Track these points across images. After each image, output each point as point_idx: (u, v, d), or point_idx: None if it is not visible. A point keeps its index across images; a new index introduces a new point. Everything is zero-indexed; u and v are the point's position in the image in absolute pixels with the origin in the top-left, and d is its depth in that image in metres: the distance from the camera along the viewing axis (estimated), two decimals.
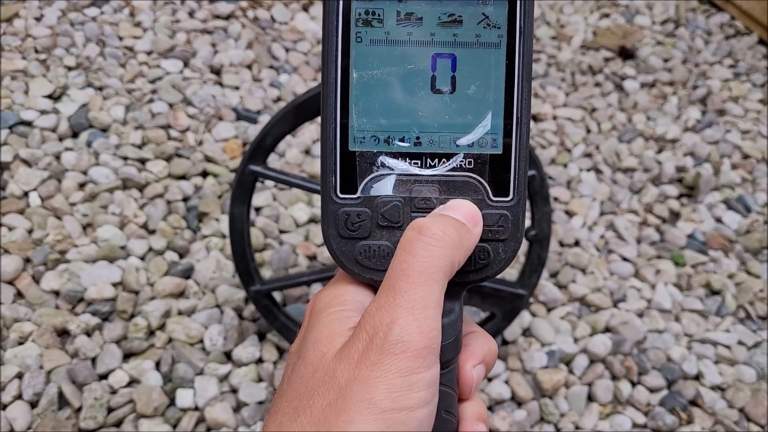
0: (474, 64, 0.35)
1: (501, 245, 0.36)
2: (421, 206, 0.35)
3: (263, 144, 0.85)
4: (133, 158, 1.15)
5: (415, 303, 0.31)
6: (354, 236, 0.35)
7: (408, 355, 0.30)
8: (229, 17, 1.46)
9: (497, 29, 0.35)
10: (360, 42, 0.35)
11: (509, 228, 0.36)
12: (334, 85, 0.35)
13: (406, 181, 0.35)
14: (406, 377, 0.30)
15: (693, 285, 1.12)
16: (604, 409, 0.96)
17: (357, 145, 0.35)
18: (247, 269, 0.90)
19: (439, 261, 0.32)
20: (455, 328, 0.35)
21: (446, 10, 0.34)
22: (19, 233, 1.02)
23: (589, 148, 1.32)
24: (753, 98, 1.48)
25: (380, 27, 0.35)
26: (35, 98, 1.20)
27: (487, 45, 0.35)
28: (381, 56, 0.35)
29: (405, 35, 0.35)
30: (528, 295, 0.92)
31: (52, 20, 1.35)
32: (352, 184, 0.35)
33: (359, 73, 0.35)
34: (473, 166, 0.35)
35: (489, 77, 0.35)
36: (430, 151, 0.35)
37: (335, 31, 0.34)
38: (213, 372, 0.93)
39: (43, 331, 0.93)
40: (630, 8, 1.69)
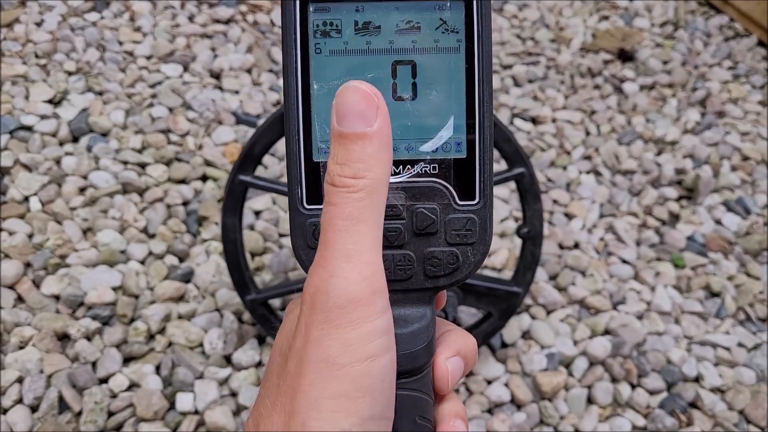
0: (434, 69, 0.35)
1: (470, 249, 0.36)
2: (388, 213, 0.35)
3: (251, 153, 0.86)
4: (133, 162, 1.15)
5: (347, 251, 0.30)
6: None
7: (355, 305, 0.30)
8: (229, 21, 1.46)
9: (455, 33, 0.35)
10: (319, 53, 0.35)
11: (477, 231, 0.36)
12: (295, 98, 0.35)
13: None
14: (359, 328, 0.30)
15: (693, 287, 1.12)
16: (604, 412, 0.96)
17: (321, 155, 0.35)
18: (242, 279, 0.90)
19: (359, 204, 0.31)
20: (427, 333, 0.35)
21: (404, 17, 0.35)
22: (20, 238, 1.02)
23: (589, 151, 1.32)
24: (752, 100, 1.48)
25: (339, 37, 0.35)
26: (35, 103, 1.20)
27: (447, 50, 0.35)
28: (341, 66, 0.35)
29: (364, 44, 0.35)
30: (523, 292, 0.92)
31: (52, 25, 1.36)
32: (319, 195, 0.35)
33: (320, 84, 0.35)
34: (438, 171, 0.35)
35: (450, 82, 0.35)
36: (394, 158, 0.35)
37: (293, 43, 0.34)
38: (213, 376, 0.93)
39: (44, 336, 0.93)
40: (629, 10, 1.70)
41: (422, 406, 0.35)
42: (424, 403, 0.35)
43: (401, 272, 0.35)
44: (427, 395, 0.36)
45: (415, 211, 0.35)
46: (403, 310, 0.35)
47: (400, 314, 0.35)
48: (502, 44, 1.56)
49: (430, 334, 0.36)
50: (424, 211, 0.35)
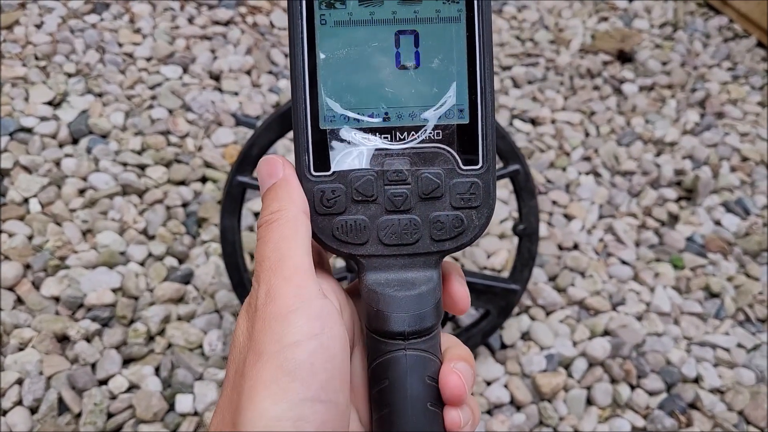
0: (436, 38, 0.36)
1: (474, 212, 0.37)
2: (393, 179, 0.36)
3: (250, 154, 0.86)
4: (133, 164, 1.15)
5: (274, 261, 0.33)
6: (330, 212, 0.36)
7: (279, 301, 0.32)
8: (229, 23, 1.46)
9: (456, 4, 0.36)
10: (324, 24, 0.36)
11: (481, 195, 0.37)
12: (302, 67, 0.36)
13: (378, 155, 0.36)
14: (283, 317, 0.31)
15: (692, 288, 1.12)
16: (603, 413, 0.96)
17: (327, 123, 0.36)
18: (241, 280, 0.91)
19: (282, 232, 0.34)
20: (435, 295, 0.36)
21: None
22: (19, 239, 1.03)
23: (588, 152, 1.33)
24: (752, 101, 1.48)
25: (343, 8, 0.36)
26: (35, 105, 1.20)
27: (448, 19, 0.36)
28: (345, 36, 0.36)
29: (368, 15, 0.36)
30: (521, 289, 0.92)
31: (52, 27, 1.36)
32: (325, 162, 0.36)
33: (326, 54, 0.36)
34: (442, 137, 0.36)
35: (451, 51, 0.36)
36: (398, 125, 0.36)
37: (299, 14, 0.35)
38: (212, 377, 0.93)
39: (43, 337, 0.93)
40: (628, 12, 1.70)
41: (431, 367, 0.36)
42: (433, 364, 0.36)
43: (407, 236, 0.36)
44: (435, 356, 0.36)
45: (420, 176, 0.36)
46: (411, 274, 0.36)
47: (408, 277, 0.36)
48: (502, 45, 1.56)
49: (437, 296, 0.37)
50: (429, 176, 0.36)
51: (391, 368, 0.35)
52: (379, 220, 0.36)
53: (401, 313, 0.35)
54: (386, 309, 0.35)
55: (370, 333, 0.36)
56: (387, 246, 0.36)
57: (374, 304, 0.36)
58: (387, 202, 0.36)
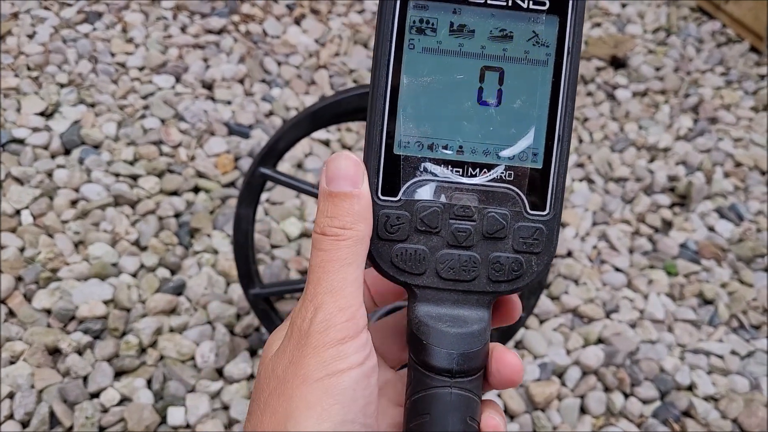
0: (521, 79, 0.36)
1: (534, 258, 0.37)
2: (460, 214, 0.36)
3: (276, 148, 0.84)
4: (125, 175, 1.15)
5: (333, 288, 0.33)
6: (392, 238, 0.36)
7: (332, 331, 0.33)
8: (221, 32, 1.46)
9: (546, 47, 0.36)
10: (412, 49, 0.35)
11: (543, 241, 0.36)
12: (384, 89, 0.35)
13: (447, 188, 0.36)
14: (334, 348, 0.33)
15: (686, 295, 1.12)
16: (597, 421, 0.96)
17: (402, 149, 0.36)
18: (248, 271, 0.89)
19: (347, 251, 0.34)
20: (484, 336, 0.36)
21: (498, 25, 0.35)
22: (11, 252, 1.02)
23: (582, 158, 1.33)
24: (745, 106, 1.48)
25: (433, 36, 0.35)
26: (27, 116, 1.20)
27: (535, 62, 0.36)
28: (431, 64, 0.36)
29: (456, 46, 0.36)
30: (526, 316, 0.91)
31: (44, 37, 1.36)
32: (394, 187, 0.36)
33: (409, 79, 0.36)
34: (513, 179, 0.36)
35: (534, 93, 0.36)
36: (472, 160, 0.36)
37: (389, 36, 0.35)
38: (204, 389, 0.93)
39: (35, 350, 0.93)
40: (621, 17, 1.70)
41: (473, 408, 0.36)
42: (475, 405, 0.36)
43: (465, 273, 0.36)
44: (477, 396, 0.36)
45: (486, 215, 0.36)
46: (463, 311, 0.36)
47: (459, 314, 0.36)
48: None
49: (486, 337, 0.36)
50: (495, 216, 0.36)
51: (434, 404, 0.35)
52: (439, 252, 0.36)
53: (451, 350, 0.35)
54: (436, 344, 0.35)
55: (415, 364, 0.36)
56: (443, 280, 0.36)
57: (424, 338, 0.36)
58: (450, 236, 0.36)
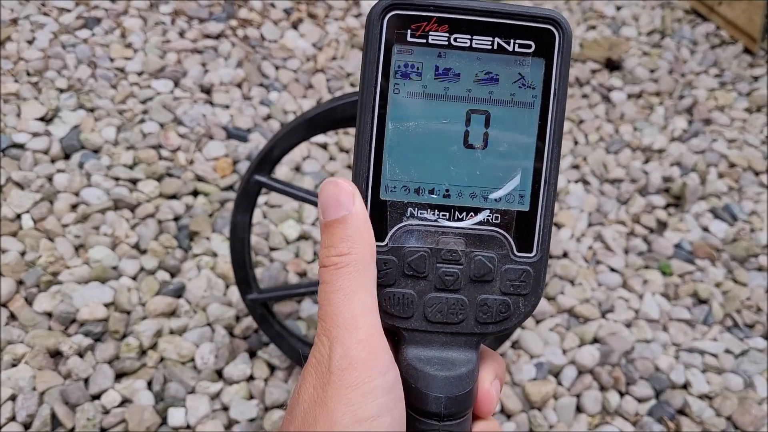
0: (507, 122, 0.36)
1: (522, 299, 0.37)
2: (447, 258, 0.36)
3: (270, 155, 0.85)
4: (125, 179, 1.16)
5: (344, 321, 0.32)
6: (379, 283, 0.36)
7: (355, 367, 0.32)
8: (219, 36, 1.47)
9: (532, 89, 0.36)
10: (397, 93, 0.35)
11: (531, 283, 0.37)
12: (369, 134, 0.35)
13: (434, 232, 0.36)
14: (360, 388, 0.31)
15: (680, 294, 1.13)
16: (593, 420, 0.97)
17: (388, 194, 0.36)
18: (245, 277, 0.91)
19: (349, 278, 0.33)
20: (472, 378, 0.36)
21: (484, 68, 0.35)
22: (12, 256, 1.03)
23: (577, 160, 1.34)
24: (739, 107, 1.49)
25: (418, 80, 0.35)
26: (27, 121, 1.21)
27: (521, 104, 0.36)
28: (417, 109, 0.35)
29: (442, 89, 0.35)
30: None
31: (44, 43, 1.37)
32: (381, 232, 0.36)
33: (394, 124, 0.35)
34: (500, 222, 0.36)
35: (521, 136, 0.36)
36: (458, 204, 0.36)
37: (374, 80, 0.35)
38: (204, 390, 0.94)
39: (36, 353, 0.94)
40: (616, 20, 1.71)
41: None
42: None
43: (453, 315, 0.36)
44: None
45: (474, 258, 0.36)
46: (451, 353, 0.36)
47: (448, 356, 0.36)
48: None
49: (474, 378, 0.36)
50: (483, 259, 0.36)
51: None
52: (427, 296, 0.36)
53: (439, 395, 0.35)
54: (424, 388, 0.35)
55: (405, 406, 0.36)
56: (431, 323, 0.36)
57: (413, 381, 0.35)
58: (437, 280, 0.36)
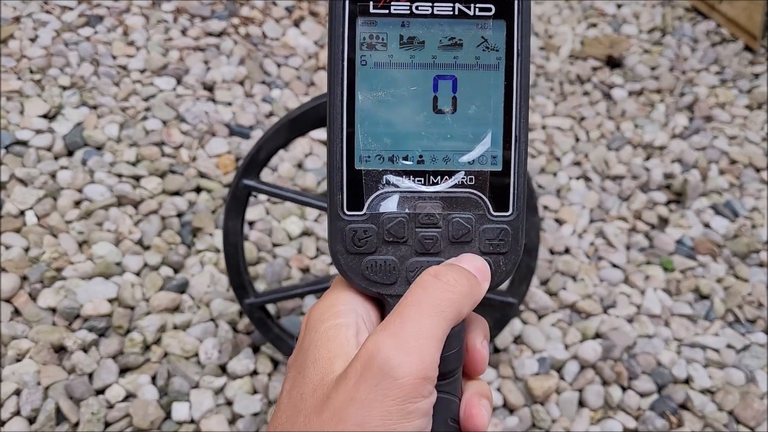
0: (474, 85, 0.36)
1: (502, 258, 0.37)
2: (425, 222, 0.37)
3: (257, 158, 0.86)
4: (128, 175, 1.16)
5: (421, 332, 0.32)
6: (361, 252, 0.37)
7: (407, 382, 0.31)
8: (221, 34, 1.48)
9: (496, 52, 0.36)
10: (365, 65, 0.36)
11: (509, 242, 0.37)
12: (340, 107, 0.36)
13: (411, 198, 0.37)
14: (403, 405, 0.31)
15: (682, 290, 1.13)
16: (595, 415, 0.98)
17: (363, 164, 0.37)
18: (241, 282, 0.91)
19: (449, 302, 0.33)
20: (459, 339, 0.37)
21: (447, 34, 0.36)
22: (16, 252, 1.04)
23: (578, 157, 1.34)
24: (739, 104, 1.50)
25: (384, 50, 0.36)
26: (30, 118, 1.22)
27: (487, 67, 0.36)
28: (385, 78, 0.36)
29: (408, 58, 0.36)
30: (518, 303, 0.93)
31: (46, 41, 1.37)
32: (359, 202, 0.37)
33: (364, 95, 0.36)
34: (474, 183, 0.37)
35: (488, 98, 0.37)
36: (432, 168, 0.37)
37: (341, 54, 0.36)
38: (208, 385, 0.94)
39: (41, 348, 0.94)
40: (617, 18, 1.72)
41: (453, 409, 0.37)
42: (455, 406, 0.37)
43: None
44: (457, 397, 0.37)
45: (451, 221, 0.37)
46: None
47: None
48: None
49: (461, 339, 0.37)
50: (460, 221, 0.37)
51: None
52: (408, 261, 0.37)
53: None
54: None
55: None
56: None
57: None
58: (417, 244, 0.36)
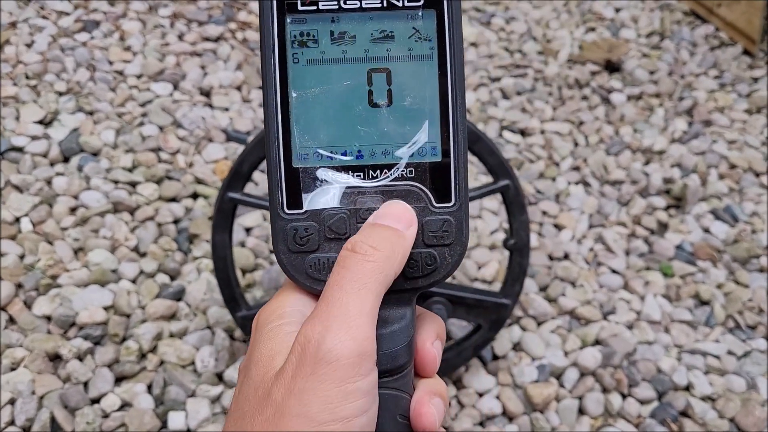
0: (408, 76, 0.36)
1: (447, 249, 0.37)
2: (366, 216, 0.36)
3: (240, 171, 0.87)
4: (124, 181, 1.16)
5: (348, 312, 0.32)
6: (303, 250, 0.36)
7: (342, 364, 0.31)
8: (218, 39, 1.47)
9: (428, 42, 0.36)
10: (297, 63, 0.36)
11: (453, 232, 0.37)
12: (274, 106, 0.36)
13: (351, 193, 0.36)
14: (342, 387, 0.31)
15: (682, 296, 1.13)
16: (595, 422, 0.97)
17: (300, 161, 0.36)
18: (233, 295, 0.91)
19: (371, 273, 0.33)
20: (407, 334, 0.36)
21: (378, 27, 0.36)
22: (11, 259, 1.03)
23: (577, 162, 1.33)
24: (738, 108, 1.49)
25: (315, 47, 0.36)
26: (26, 124, 1.21)
27: (420, 57, 0.36)
28: (318, 75, 0.36)
29: (340, 53, 0.36)
30: (512, 304, 0.92)
31: (42, 46, 1.36)
32: (298, 200, 0.36)
33: (298, 93, 0.36)
34: (414, 175, 0.37)
35: (424, 88, 0.36)
36: (371, 162, 0.37)
37: (272, 53, 0.35)
38: (205, 393, 0.93)
39: (35, 357, 0.93)
40: (615, 22, 1.71)
41: (403, 405, 0.36)
42: (405, 402, 0.36)
43: None
44: (407, 393, 0.36)
45: None
46: (384, 311, 0.36)
47: (381, 315, 0.35)
48: (490, 57, 1.57)
49: (410, 334, 0.36)
50: None
51: None
52: None
53: None
54: None
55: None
56: None
57: None
58: None
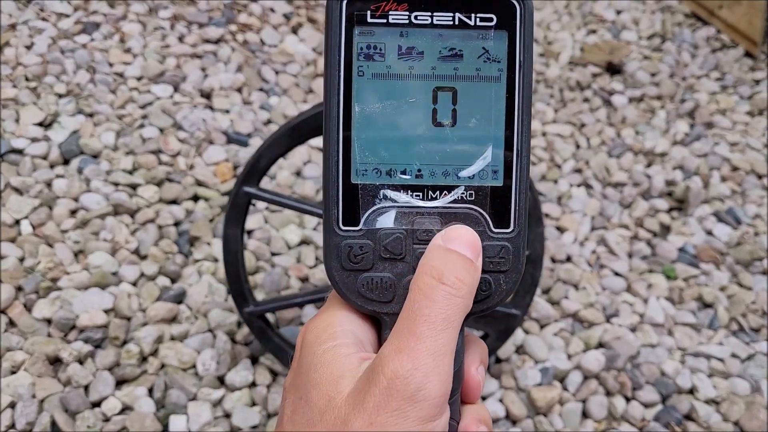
0: (475, 97, 0.35)
1: (502, 276, 0.36)
2: (423, 238, 0.35)
3: (257, 166, 0.86)
4: (124, 184, 1.15)
5: (437, 350, 0.31)
6: (356, 268, 0.35)
7: (429, 403, 0.30)
8: (219, 41, 1.47)
9: (497, 63, 0.35)
10: (362, 76, 0.35)
11: (510, 259, 0.36)
12: (336, 119, 0.35)
13: (408, 213, 0.35)
14: (424, 425, 0.30)
15: (685, 298, 1.12)
16: (599, 426, 0.96)
17: (359, 177, 0.35)
18: (241, 290, 0.90)
19: (458, 309, 0.32)
20: (459, 359, 0.35)
21: (447, 45, 0.35)
22: (11, 261, 1.02)
23: (579, 164, 1.33)
24: (740, 110, 1.49)
25: (382, 61, 0.35)
26: (26, 126, 1.20)
27: (488, 78, 0.35)
28: (383, 90, 0.35)
29: (406, 69, 0.35)
30: (521, 314, 0.92)
31: (42, 48, 1.36)
32: (355, 217, 0.35)
33: (361, 107, 0.35)
34: (474, 198, 0.36)
35: (489, 110, 0.35)
36: (431, 183, 0.36)
37: (337, 65, 0.35)
38: (206, 397, 0.92)
39: (36, 360, 0.92)
40: (617, 24, 1.71)
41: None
42: (453, 430, 0.36)
43: None
44: (455, 420, 0.36)
45: None
46: None
47: None
48: None
49: (459, 360, 0.36)
50: None
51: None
52: (406, 278, 0.35)
53: None
54: None
55: None
56: None
57: None
58: (415, 261, 0.35)
